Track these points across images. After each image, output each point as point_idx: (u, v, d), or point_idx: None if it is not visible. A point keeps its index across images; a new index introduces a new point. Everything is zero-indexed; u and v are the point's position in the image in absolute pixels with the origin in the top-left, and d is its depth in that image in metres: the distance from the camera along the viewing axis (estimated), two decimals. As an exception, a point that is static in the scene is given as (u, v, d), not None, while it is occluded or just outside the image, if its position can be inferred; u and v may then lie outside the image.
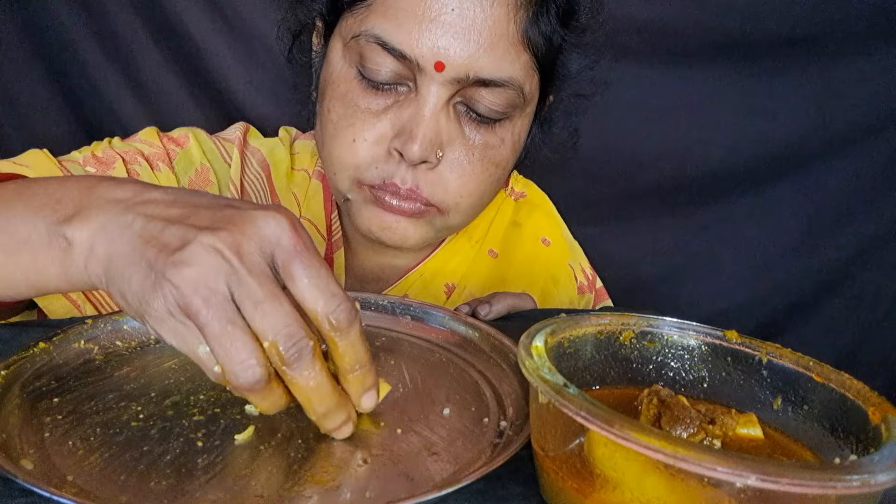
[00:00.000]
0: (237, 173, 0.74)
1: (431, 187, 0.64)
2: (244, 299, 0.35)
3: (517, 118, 0.66)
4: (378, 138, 0.63)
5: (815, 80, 1.24)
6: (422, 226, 0.67)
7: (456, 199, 0.65)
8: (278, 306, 0.35)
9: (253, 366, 0.35)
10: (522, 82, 0.62)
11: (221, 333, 0.35)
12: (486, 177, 0.66)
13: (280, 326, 0.35)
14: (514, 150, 0.68)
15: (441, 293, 0.78)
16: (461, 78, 0.59)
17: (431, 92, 0.60)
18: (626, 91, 1.22)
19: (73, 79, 1.12)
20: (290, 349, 0.36)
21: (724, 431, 0.39)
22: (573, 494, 0.33)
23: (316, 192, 0.77)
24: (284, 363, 0.36)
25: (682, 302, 1.37)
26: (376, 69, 0.61)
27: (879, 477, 0.28)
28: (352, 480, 0.37)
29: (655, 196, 1.32)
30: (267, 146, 0.78)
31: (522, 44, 0.61)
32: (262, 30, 1.11)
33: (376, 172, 0.64)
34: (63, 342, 0.48)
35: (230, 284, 0.35)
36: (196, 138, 0.74)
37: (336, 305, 0.37)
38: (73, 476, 0.35)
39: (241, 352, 0.35)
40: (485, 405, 0.46)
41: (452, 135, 0.63)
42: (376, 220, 0.66)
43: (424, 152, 0.60)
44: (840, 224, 1.34)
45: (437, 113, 0.61)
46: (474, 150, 0.64)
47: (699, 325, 0.45)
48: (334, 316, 0.37)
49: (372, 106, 0.62)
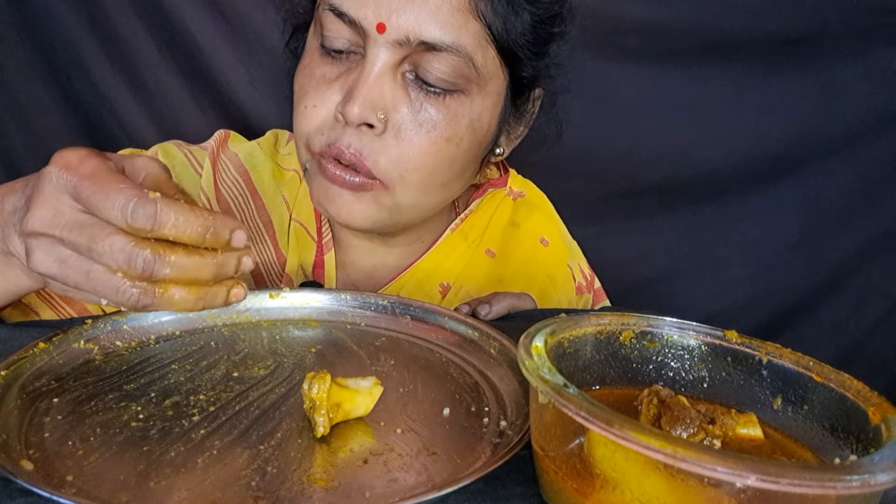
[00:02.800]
0: (209, 182, 0.74)
1: (375, 156, 0.63)
2: (81, 252, 0.40)
3: (475, 94, 0.64)
4: (328, 105, 0.63)
5: (814, 80, 1.24)
6: (366, 202, 0.65)
7: (400, 171, 0.64)
8: (103, 242, 0.40)
9: (125, 290, 0.40)
10: (471, 51, 0.61)
11: (88, 284, 0.41)
12: (434, 150, 0.64)
13: (116, 255, 0.40)
14: (474, 131, 0.66)
15: (436, 293, 0.78)
16: (402, 40, 0.60)
17: (375, 55, 0.61)
18: (625, 91, 1.22)
19: (73, 79, 1.12)
20: (135, 267, 0.40)
21: (724, 431, 0.39)
22: (573, 494, 0.33)
23: (306, 194, 0.76)
24: (145, 277, 0.40)
25: (682, 302, 1.37)
26: (333, 37, 0.63)
27: (879, 477, 0.28)
28: (352, 480, 0.37)
29: (655, 196, 1.32)
30: (245, 150, 0.78)
31: (471, 11, 0.60)
32: (262, 30, 1.11)
33: (323, 138, 0.64)
34: (63, 342, 0.48)
35: (65, 246, 0.41)
36: (164, 154, 0.75)
37: (129, 212, 0.39)
38: (73, 476, 0.35)
39: (107, 288, 0.40)
40: (485, 405, 0.46)
41: (398, 100, 0.62)
42: (322, 192, 0.66)
43: (363, 112, 0.60)
44: (839, 224, 1.34)
45: (381, 76, 0.61)
46: (423, 120, 0.63)
47: (699, 325, 0.45)
48: (133, 221, 0.39)
49: (327, 74, 0.64)
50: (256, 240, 0.74)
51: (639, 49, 1.19)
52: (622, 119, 1.24)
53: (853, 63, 1.23)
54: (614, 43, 1.18)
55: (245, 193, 0.76)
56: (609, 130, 1.23)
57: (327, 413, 0.41)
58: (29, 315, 0.64)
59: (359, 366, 0.51)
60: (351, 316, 0.59)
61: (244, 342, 0.53)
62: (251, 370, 0.49)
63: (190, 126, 1.14)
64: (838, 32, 1.20)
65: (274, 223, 0.75)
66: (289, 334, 0.56)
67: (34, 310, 0.64)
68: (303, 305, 0.59)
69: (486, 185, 0.85)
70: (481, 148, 0.69)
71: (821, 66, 1.23)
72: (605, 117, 1.21)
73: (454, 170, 0.67)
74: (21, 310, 0.64)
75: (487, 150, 0.71)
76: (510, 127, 0.73)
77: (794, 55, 1.22)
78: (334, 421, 0.41)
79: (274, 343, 0.54)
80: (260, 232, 0.75)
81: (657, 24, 1.17)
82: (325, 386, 0.41)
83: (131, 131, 1.14)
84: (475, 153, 0.69)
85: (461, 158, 0.66)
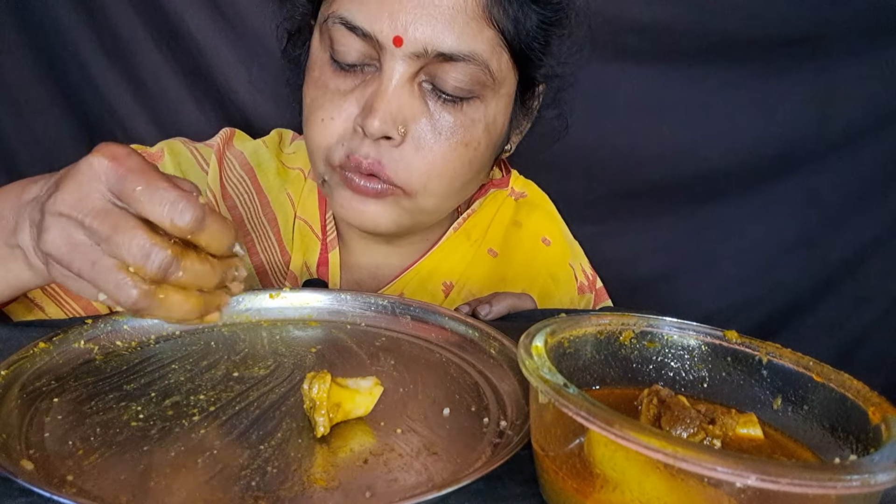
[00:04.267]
0: (215, 179, 0.74)
1: (395, 165, 0.63)
2: (98, 240, 0.40)
3: (489, 99, 0.65)
4: (345, 117, 0.63)
5: (814, 80, 1.24)
6: (389, 207, 0.66)
7: (423, 181, 0.64)
8: (124, 234, 0.40)
9: (126, 288, 0.40)
10: (487, 58, 0.62)
11: (91, 273, 0.40)
12: (454, 157, 0.64)
13: (134, 251, 0.40)
14: (490, 133, 0.67)
15: (438, 292, 0.78)
16: (420, 52, 0.60)
17: (393, 68, 0.61)
18: (626, 91, 1.22)
19: (73, 79, 1.12)
20: (151, 266, 0.40)
21: (724, 431, 0.39)
22: (573, 494, 0.33)
23: (311, 192, 0.77)
24: (155, 278, 0.40)
25: (681, 301, 1.37)
26: (344, 50, 0.62)
27: (879, 477, 0.28)
28: (352, 480, 0.37)
29: (655, 195, 1.32)
30: (250, 148, 0.79)
31: (485, 19, 0.61)
32: (262, 30, 1.11)
33: (342, 150, 0.64)
34: (63, 342, 0.48)
35: (83, 232, 0.41)
36: (171, 151, 0.75)
37: (177, 210, 0.40)
38: (73, 476, 0.35)
39: (109, 281, 0.40)
40: (485, 405, 0.46)
41: (416, 112, 0.62)
42: (346, 203, 0.66)
43: (384, 126, 0.60)
44: (839, 223, 1.34)
45: (399, 88, 0.61)
46: (441, 129, 0.63)
47: (699, 325, 0.45)
48: (179, 220, 0.40)
49: (341, 87, 0.64)
50: (261, 238, 0.75)
51: (639, 49, 1.19)
52: (622, 119, 1.24)
53: (853, 63, 1.23)
54: (614, 43, 1.18)
55: (250, 191, 0.76)
56: (609, 130, 1.23)
57: (327, 413, 0.41)
58: (33, 310, 0.64)
59: (359, 366, 0.51)
60: (351, 316, 0.59)
61: (244, 342, 0.53)
62: (251, 370, 0.49)
63: (190, 126, 1.14)
64: (838, 32, 1.20)
65: (279, 221, 0.76)
66: (289, 334, 0.56)
67: (39, 305, 0.64)
68: (303, 305, 0.59)
69: (489, 186, 0.85)
70: (496, 148, 0.70)
71: (821, 66, 1.23)
72: (605, 117, 1.21)
73: (472, 172, 0.68)
74: (26, 305, 0.64)
75: (500, 150, 0.72)
76: (518, 123, 0.74)
77: (794, 55, 1.22)
78: (334, 421, 0.41)
79: (274, 343, 0.54)
80: (265, 230, 0.75)
81: (657, 24, 1.17)
82: (325, 386, 0.41)
83: (131, 131, 1.14)
84: (491, 154, 0.70)
85: (479, 161, 0.67)
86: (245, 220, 0.75)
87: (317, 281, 0.74)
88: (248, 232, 0.74)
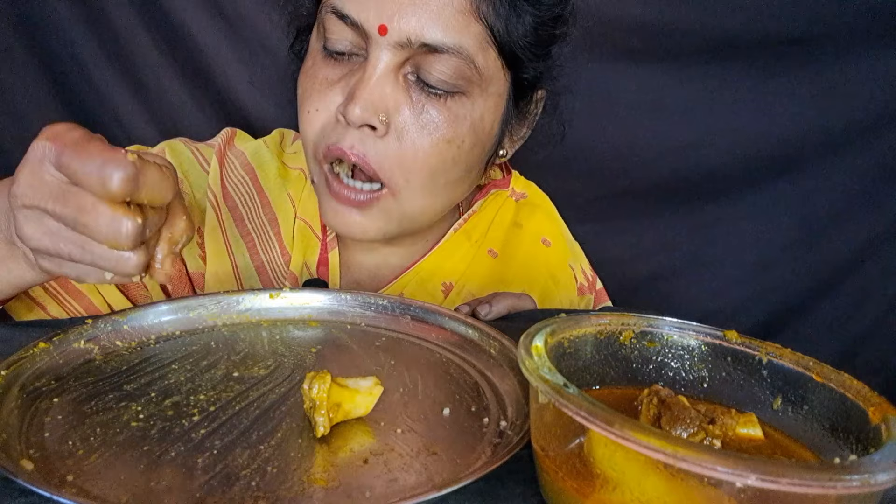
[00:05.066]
0: (216, 180, 0.74)
1: (379, 157, 0.63)
2: (70, 224, 0.40)
3: (476, 96, 0.64)
4: (329, 106, 0.64)
5: (814, 80, 1.24)
6: (374, 215, 0.66)
7: (405, 175, 0.64)
8: (88, 215, 0.40)
9: (126, 259, 0.41)
10: (473, 53, 0.61)
11: (85, 256, 0.41)
12: (436, 152, 0.64)
13: (104, 229, 0.40)
14: (476, 132, 0.65)
15: (438, 292, 0.78)
16: (404, 42, 0.60)
17: (377, 57, 0.61)
18: (625, 91, 1.22)
19: (73, 79, 1.12)
20: (126, 239, 0.40)
21: (724, 431, 0.39)
22: (573, 494, 0.33)
23: (311, 192, 0.77)
24: (135, 246, 0.41)
25: (681, 300, 1.38)
26: (335, 39, 0.63)
27: (879, 477, 0.28)
28: (352, 480, 0.37)
29: (654, 195, 1.32)
30: (251, 148, 0.79)
31: (473, 14, 0.61)
32: (262, 30, 1.11)
33: (326, 140, 0.64)
34: (63, 342, 0.48)
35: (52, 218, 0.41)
36: (172, 151, 0.75)
37: (107, 173, 0.39)
38: (73, 476, 0.35)
39: (108, 259, 0.41)
40: (485, 405, 0.46)
41: (399, 102, 0.62)
42: (331, 212, 0.67)
43: (364, 113, 0.60)
44: (838, 224, 1.34)
45: (383, 77, 0.61)
46: (424, 122, 0.63)
47: (699, 325, 0.45)
48: (109, 183, 0.39)
49: (329, 76, 0.64)
50: (262, 238, 0.75)
51: (639, 49, 1.19)
52: (622, 119, 1.24)
53: (853, 63, 1.23)
54: (614, 43, 1.18)
55: (251, 191, 0.76)
56: (609, 130, 1.23)
57: (327, 413, 0.41)
58: (34, 309, 0.64)
59: (359, 366, 0.51)
60: (351, 316, 0.59)
61: (244, 342, 0.53)
62: (251, 370, 0.49)
63: (190, 126, 1.14)
64: (838, 32, 1.20)
65: (279, 221, 0.76)
66: (289, 334, 0.56)
67: (41, 304, 0.64)
68: (303, 305, 0.59)
69: (489, 186, 0.85)
70: (484, 150, 0.69)
71: (821, 67, 1.23)
72: (605, 117, 1.21)
73: (457, 171, 0.67)
74: (27, 304, 0.64)
75: (491, 152, 0.71)
76: (513, 128, 0.73)
77: (794, 55, 1.22)
78: (334, 421, 0.41)
79: (274, 343, 0.54)
80: (265, 230, 0.75)
81: (657, 24, 1.17)
82: (325, 386, 0.41)
83: (131, 131, 1.14)
84: (478, 155, 0.69)
85: (464, 160, 0.66)
86: (246, 219, 0.75)
87: (317, 281, 0.74)
88: (248, 232, 0.74)
